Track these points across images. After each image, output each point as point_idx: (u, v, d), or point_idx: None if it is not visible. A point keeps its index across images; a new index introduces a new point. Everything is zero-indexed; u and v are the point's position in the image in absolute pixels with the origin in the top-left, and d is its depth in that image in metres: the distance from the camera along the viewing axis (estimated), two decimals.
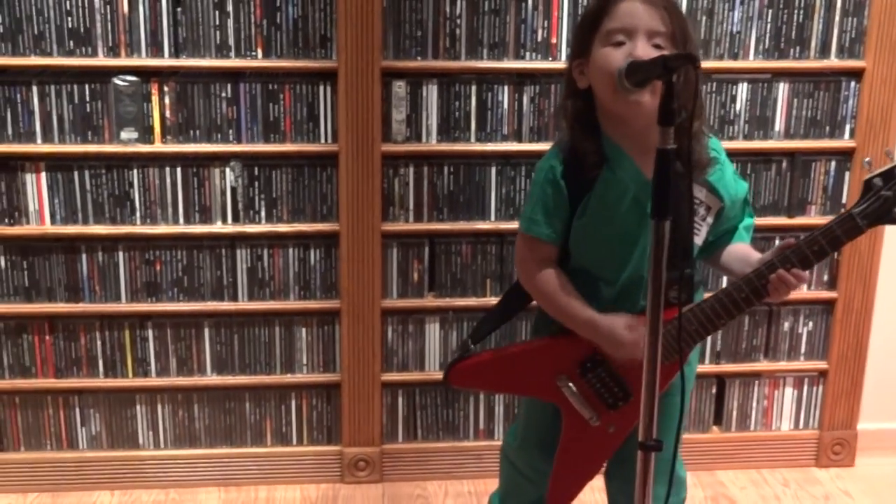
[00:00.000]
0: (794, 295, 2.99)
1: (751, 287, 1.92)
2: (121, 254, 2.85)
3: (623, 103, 1.87)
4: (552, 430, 2.17)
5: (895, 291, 3.10)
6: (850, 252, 3.00)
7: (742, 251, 2.07)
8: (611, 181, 1.96)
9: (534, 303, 2.16)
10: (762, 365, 3.12)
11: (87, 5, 2.67)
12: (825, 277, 3.07)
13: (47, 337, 2.90)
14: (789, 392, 3.17)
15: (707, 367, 3.10)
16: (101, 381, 2.94)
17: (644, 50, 1.83)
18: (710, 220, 2.04)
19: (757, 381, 3.14)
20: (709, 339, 3.03)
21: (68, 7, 2.67)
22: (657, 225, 1.62)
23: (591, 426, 2.11)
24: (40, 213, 2.81)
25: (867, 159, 2.02)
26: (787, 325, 3.09)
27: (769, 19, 2.85)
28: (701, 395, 3.13)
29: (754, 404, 3.16)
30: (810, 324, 3.10)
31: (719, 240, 2.11)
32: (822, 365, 3.13)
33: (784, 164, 2.96)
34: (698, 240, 2.03)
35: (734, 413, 3.16)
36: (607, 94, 1.89)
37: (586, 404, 2.09)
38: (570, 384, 2.08)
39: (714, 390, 3.14)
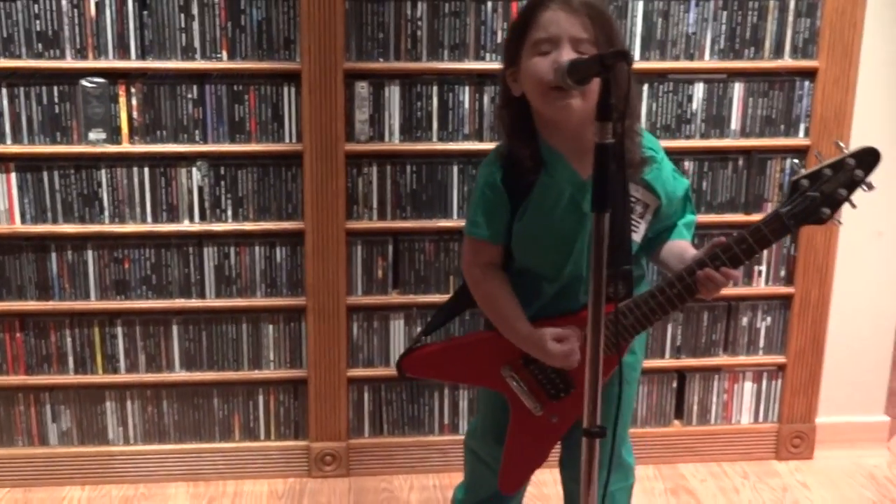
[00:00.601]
0: (753, 290, 3.13)
1: (682, 284, 1.98)
2: (90, 252, 2.90)
3: (553, 108, 1.93)
4: (507, 423, 2.24)
5: (851, 287, 3.16)
6: (806, 248, 3.07)
7: (679, 248, 2.12)
8: (548, 184, 2.03)
9: None
10: (721, 359, 3.18)
11: (55, 8, 2.73)
12: (782, 273, 3.13)
13: (18, 334, 2.95)
14: (748, 386, 3.23)
15: (667, 362, 3.17)
16: (72, 378, 3.00)
17: (568, 56, 1.87)
18: (648, 217, 2.10)
19: (717, 376, 3.20)
20: (668, 333, 3.12)
21: (37, 11, 2.73)
22: (598, 217, 1.67)
23: (535, 416, 2.18)
24: (10, 213, 2.86)
25: (838, 140, 2.06)
26: (745, 319, 3.15)
27: (724, 21, 2.92)
28: (662, 390, 3.20)
29: (714, 398, 3.22)
30: (768, 319, 3.17)
31: (659, 236, 2.16)
32: (780, 359, 3.20)
33: (741, 162, 3.02)
34: (636, 237, 2.08)
35: (695, 407, 3.23)
36: (539, 101, 1.96)
37: (529, 395, 2.16)
38: (514, 375, 2.16)
39: (675, 384, 3.20)
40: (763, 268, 3.11)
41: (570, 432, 2.22)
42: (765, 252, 3.04)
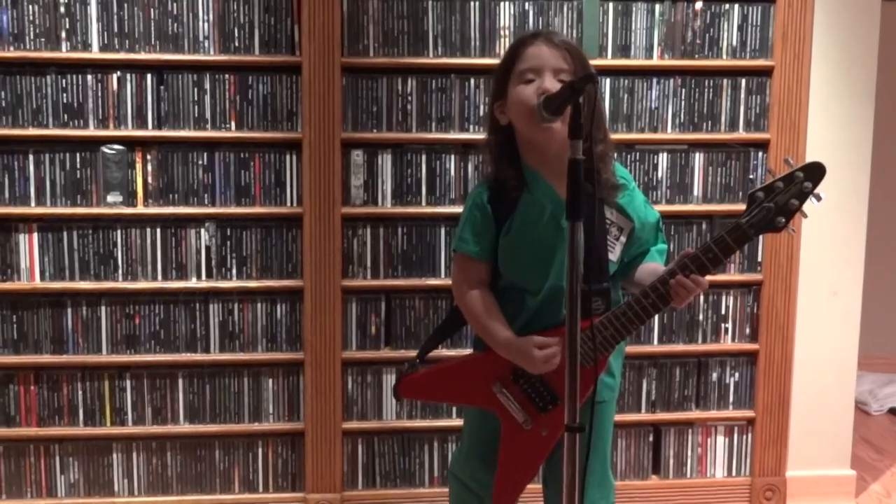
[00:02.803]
0: (720, 347, 3.34)
1: (656, 293, 2.16)
2: (103, 308, 3.12)
3: (538, 131, 2.16)
4: (493, 443, 2.38)
5: (811, 344, 3.39)
6: (768, 306, 3.31)
7: (652, 267, 2.33)
8: (530, 202, 2.25)
9: None
10: (694, 414, 3.38)
11: (80, 83, 3.04)
12: (747, 331, 3.36)
13: (32, 387, 3.13)
14: (721, 440, 3.41)
15: (643, 416, 3.35)
16: (81, 430, 3.16)
17: (551, 82, 2.14)
18: (622, 239, 2.31)
19: (690, 430, 3.39)
20: (643, 388, 3.32)
21: (64, 85, 3.03)
22: (572, 225, 1.88)
23: (525, 430, 2.33)
24: (31, 270, 3.09)
25: (787, 157, 2.31)
26: (715, 375, 3.37)
27: (683, 97, 3.24)
28: (639, 444, 3.37)
29: (689, 452, 3.40)
30: (736, 374, 3.38)
31: (633, 261, 2.37)
32: (749, 413, 3.39)
33: (704, 226, 3.29)
34: (613, 256, 2.29)
35: (671, 461, 3.40)
36: (524, 125, 2.20)
37: (519, 409, 2.31)
38: (504, 390, 2.31)
39: (651, 438, 3.38)
40: (729, 325, 3.34)
41: (555, 449, 2.37)
42: (730, 310, 3.31)
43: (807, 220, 2.18)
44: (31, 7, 3.00)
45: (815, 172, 2.09)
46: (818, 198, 2.11)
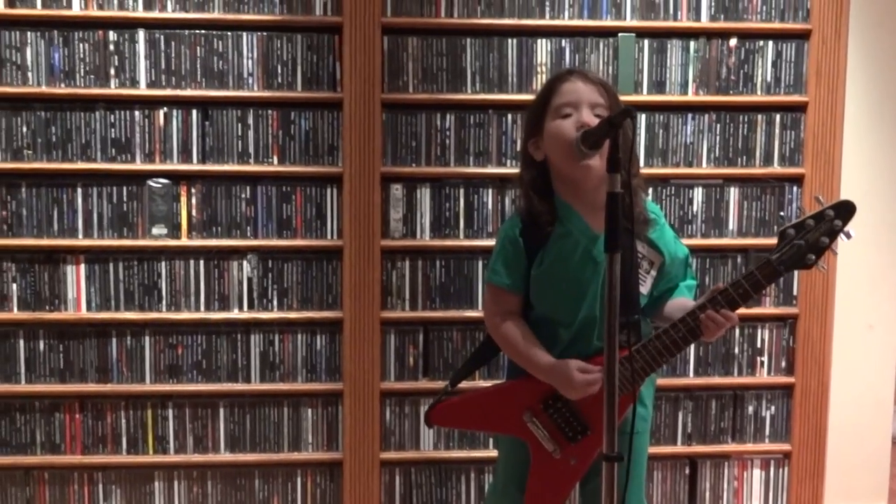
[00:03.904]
0: (756, 380, 3.35)
1: (686, 327, 2.19)
2: (147, 338, 3.19)
3: (576, 167, 2.19)
4: (528, 471, 2.40)
5: (848, 377, 3.40)
6: (804, 339, 3.33)
7: (682, 302, 2.34)
8: (563, 235, 2.27)
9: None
10: (730, 447, 3.39)
11: (128, 118, 3.12)
12: (783, 364, 3.37)
13: (77, 415, 3.19)
14: (757, 473, 3.42)
15: (679, 449, 3.37)
16: (124, 458, 3.22)
17: (588, 116, 2.18)
18: (653, 273, 2.33)
19: (726, 463, 3.40)
20: (679, 421, 3.34)
21: (112, 120, 3.12)
22: (610, 257, 1.92)
23: (555, 459, 2.34)
24: (77, 301, 3.16)
25: (818, 195, 2.33)
26: (751, 408, 3.38)
27: (718, 132, 3.28)
28: (675, 476, 3.38)
29: (725, 485, 3.41)
30: (773, 407, 3.39)
31: (663, 296, 2.38)
32: (785, 447, 3.40)
33: (738, 260, 3.32)
34: (643, 290, 2.31)
35: (707, 494, 3.40)
36: (561, 159, 2.22)
37: (549, 438, 2.33)
38: (535, 419, 2.33)
39: (687, 471, 3.39)
40: (765, 358, 3.36)
41: (587, 479, 2.38)
42: (766, 343, 3.32)
43: (842, 254, 2.20)
44: (81, 45, 3.10)
45: (846, 210, 2.13)
46: (848, 235, 2.14)
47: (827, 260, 2.20)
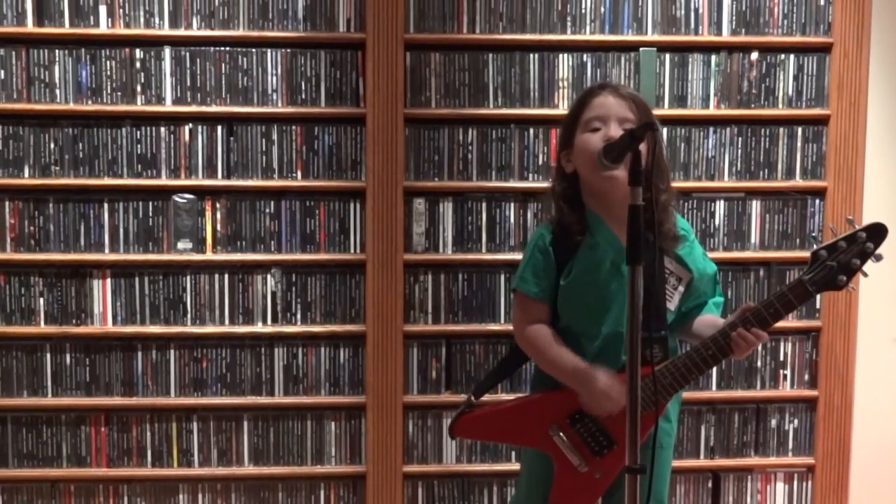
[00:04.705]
0: (779, 393, 3.35)
1: (717, 345, 2.21)
2: (172, 352, 3.22)
3: (602, 179, 2.22)
4: (552, 485, 2.41)
5: (872, 391, 3.39)
6: (827, 352, 3.32)
7: (710, 319, 2.37)
8: (592, 246, 2.30)
9: (529, 361, 2.48)
10: (753, 460, 3.38)
11: (154, 134, 3.16)
12: (806, 377, 3.37)
13: (103, 428, 3.22)
14: (781, 487, 3.41)
15: (702, 462, 3.36)
16: (149, 471, 3.24)
17: (615, 131, 2.20)
18: (681, 289, 2.35)
19: (749, 476, 3.39)
20: (702, 434, 3.33)
21: (138, 136, 3.15)
22: (632, 270, 1.93)
23: (579, 472, 2.36)
24: (104, 315, 3.19)
25: (849, 217, 2.34)
26: (774, 421, 3.37)
27: (740, 146, 3.29)
28: (698, 490, 3.38)
29: (748, 499, 3.40)
30: (796, 421, 3.38)
31: (691, 312, 2.40)
32: (809, 460, 3.38)
33: (761, 273, 3.32)
34: (671, 306, 2.33)
35: None
36: (587, 172, 2.26)
37: (575, 452, 2.34)
38: (561, 434, 2.34)
39: (710, 485, 3.39)
40: (788, 371, 3.35)
41: (609, 492, 2.39)
42: (789, 356, 3.32)
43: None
44: (108, 63, 3.14)
45: (878, 233, 2.15)
46: (879, 258, 2.16)
47: (857, 280, 2.22)
